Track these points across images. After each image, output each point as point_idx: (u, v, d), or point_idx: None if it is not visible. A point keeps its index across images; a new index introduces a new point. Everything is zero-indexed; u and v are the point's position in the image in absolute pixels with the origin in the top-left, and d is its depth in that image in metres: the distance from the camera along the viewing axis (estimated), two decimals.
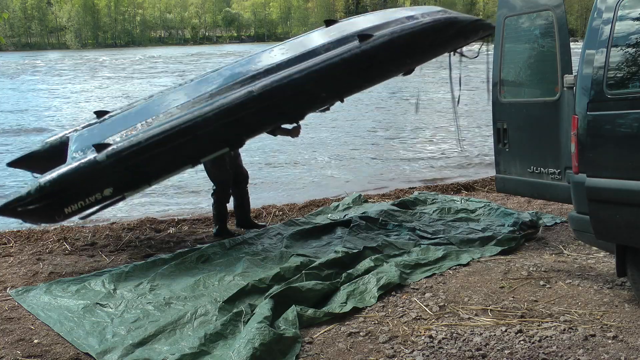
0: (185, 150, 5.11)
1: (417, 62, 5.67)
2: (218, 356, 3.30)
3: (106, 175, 4.98)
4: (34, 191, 4.91)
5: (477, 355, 3.26)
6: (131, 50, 73.65)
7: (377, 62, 5.33)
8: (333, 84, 5.31)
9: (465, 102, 18.91)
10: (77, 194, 4.97)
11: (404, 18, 5.65)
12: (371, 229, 5.51)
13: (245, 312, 3.73)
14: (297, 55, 5.44)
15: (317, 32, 6.05)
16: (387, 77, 5.73)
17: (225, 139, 5.22)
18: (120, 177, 5.03)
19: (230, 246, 5.21)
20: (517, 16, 4.76)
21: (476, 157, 10.98)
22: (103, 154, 4.97)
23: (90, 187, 4.98)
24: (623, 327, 3.52)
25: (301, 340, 3.48)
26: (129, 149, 4.99)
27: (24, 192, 4.96)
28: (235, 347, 3.26)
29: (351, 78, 5.37)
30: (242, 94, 5.15)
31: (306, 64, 5.24)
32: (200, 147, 5.19)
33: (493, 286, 4.23)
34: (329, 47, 5.42)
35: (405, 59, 5.54)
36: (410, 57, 5.55)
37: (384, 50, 5.29)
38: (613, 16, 3.58)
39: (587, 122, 3.65)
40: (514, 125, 4.80)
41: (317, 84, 5.24)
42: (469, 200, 6.68)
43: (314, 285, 4.09)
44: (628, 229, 3.47)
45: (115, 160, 4.96)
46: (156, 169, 5.14)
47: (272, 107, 5.21)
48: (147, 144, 4.98)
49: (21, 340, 3.63)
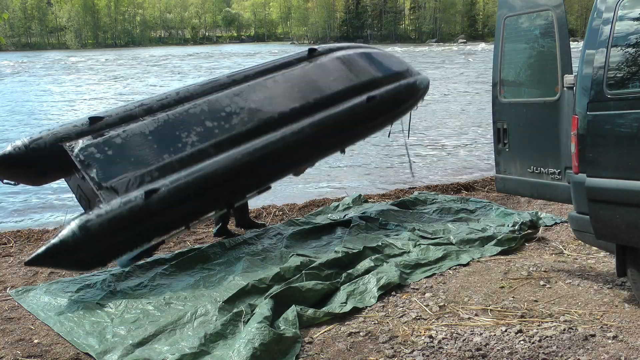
0: (230, 193, 5.09)
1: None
2: (218, 356, 3.30)
3: (157, 223, 4.65)
4: (80, 234, 4.27)
5: (477, 355, 3.26)
6: (137, 50, 73.65)
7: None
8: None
9: (465, 102, 18.97)
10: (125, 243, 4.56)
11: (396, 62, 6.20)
12: (371, 229, 5.52)
13: (245, 312, 3.73)
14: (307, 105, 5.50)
15: (309, 68, 5.89)
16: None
17: (263, 182, 5.33)
18: (168, 224, 4.75)
19: (230, 246, 5.21)
20: (517, 16, 4.76)
21: (476, 158, 10.98)
22: (155, 201, 4.51)
23: (140, 237, 4.62)
24: (623, 327, 3.52)
25: (301, 340, 3.48)
26: (181, 195, 4.65)
27: (66, 236, 4.27)
28: (235, 347, 3.26)
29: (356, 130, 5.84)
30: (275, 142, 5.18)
31: (320, 118, 5.44)
32: (243, 191, 5.24)
33: (493, 286, 4.23)
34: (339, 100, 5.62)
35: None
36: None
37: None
38: (613, 16, 3.58)
39: (587, 122, 3.65)
40: (514, 125, 4.80)
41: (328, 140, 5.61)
42: (469, 200, 6.69)
43: (314, 285, 4.09)
44: (628, 229, 3.47)
45: (166, 208, 4.61)
46: (201, 212, 5.02)
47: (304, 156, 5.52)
48: (200, 188, 4.75)
49: (21, 340, 3.63)
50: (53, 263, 4.35)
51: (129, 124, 4.93)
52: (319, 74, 5.80)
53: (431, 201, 6.66)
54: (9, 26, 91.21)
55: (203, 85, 5.46)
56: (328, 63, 5.93)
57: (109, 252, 4.47)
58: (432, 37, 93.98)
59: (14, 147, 4.71)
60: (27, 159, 4.70)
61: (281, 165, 5.35)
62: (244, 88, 5.46)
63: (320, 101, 5.56)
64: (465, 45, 73.47)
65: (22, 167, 4.73)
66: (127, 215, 4.39)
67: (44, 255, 4.21)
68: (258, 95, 5.43)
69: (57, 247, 4.21)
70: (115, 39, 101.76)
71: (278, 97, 5.46)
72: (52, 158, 4.70)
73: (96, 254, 4.37)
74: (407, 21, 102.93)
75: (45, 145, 4.70)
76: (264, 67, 5.80)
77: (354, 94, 5.71)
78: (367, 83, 5.86)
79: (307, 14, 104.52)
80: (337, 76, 5.80)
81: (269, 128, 5.24)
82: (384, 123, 6.13)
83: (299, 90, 5.56)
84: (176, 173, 4.72)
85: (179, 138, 4.94)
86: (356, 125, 5.72)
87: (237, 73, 5.69)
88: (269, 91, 5.49)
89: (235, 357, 3.19)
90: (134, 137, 4.84)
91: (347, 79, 5.79)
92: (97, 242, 4.32)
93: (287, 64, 5.85)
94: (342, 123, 5.56)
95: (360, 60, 6.09)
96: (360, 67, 5.99)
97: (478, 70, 30.93)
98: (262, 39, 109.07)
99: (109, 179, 4.57)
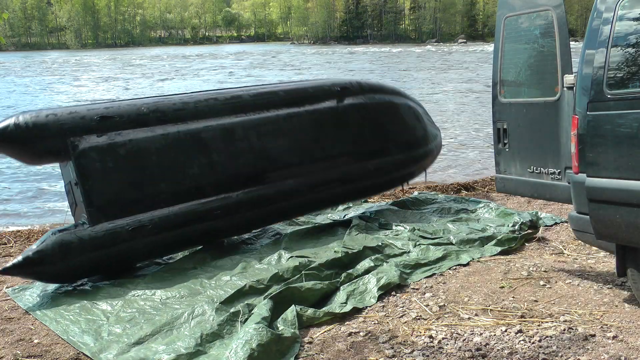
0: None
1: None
2: (214, 356, 3.29)
3: (139, 252, 4.66)
4: (58, 251, 4.28)
5: (477, 355, 3.26)
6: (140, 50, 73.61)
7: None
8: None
9: (465, 102, 18.96)
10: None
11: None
12: (371, 229, 5.51)
13: (242, 312, 3.72)
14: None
15: (336, 114, 5.67)
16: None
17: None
18: (149, 253, 4.77)
19: (228, 246, 5.20)
20: (517, 16, 4.76)
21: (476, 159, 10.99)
22: (141, 235, 4.52)
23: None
24: (623, 327, 3.52)
25: (300, 340, 3.47)
26: (167, 233, 4.66)
27: (44, 251, 4.26)
28: (232, 348, 3.26)
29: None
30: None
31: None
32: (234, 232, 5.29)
33: (493, 286, 4.23)
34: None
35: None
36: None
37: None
38: (613, 16, 3.58)
39: (587, 122, 3.65)
40: (514, 125, 4.80)
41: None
42: (469, 200, 6.68)
43: (313, 285, 4.08)
44: (628, 229, 3.47)
45: (151, 243, 4.64)
46: (186, 246, 5.03)
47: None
48: (188, 229, 4.77)
49: (21, 340, 3.63)
50: (26, 275, 4.34)
51: (137, 131, 4.66)
52: (342, 123, 5.60)
53: (431, 201, 6.65)
54: (9, 26, 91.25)
55: (224, 102, 5.12)
56: (354, 114, 5.69)
57: (86, 271, 4.47)
58: (432, 37, 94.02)
59: (16, 124, 4.35)
60: (26, 139, 4.39)
61: (268, 216, 5.27)
62: (263, 121, 5.19)
63: (336, 158, 5.51)
64: (465, 45, 73.48)
65: (18, 145, 4.43)
66: (110, 243, 4.41)
67: (19, 267, 4.21)
68: (276, 136, 5.23)
69: (33, 261, 4.21)
70: (115, 39, 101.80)
71: (294, 143, 5.32)
72: (52, 146, 4.46)
73: (71, 271, 4.37)
74: (407, 21, 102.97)
75: (49, 133, 4.42)
76: (290, 94, 5.48)
77: (364, 157, 5.67)
78: (382, 149, 5.79)
79: (307, 14, 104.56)
80: (357, 133, 5.65)
81: (273, 178, 5.15)
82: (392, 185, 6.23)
83: (314, 141, 5.43)
84: (167, 208, 4.63)
85: (182, 166, 4.77)
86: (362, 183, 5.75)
87: (260, 95, 5.36)
88: (287, 133, 5.29)
89: (232, 358, 3.18)
90: (139, 152, 4.62)
91: (364, 142, 5.68)
92: (74, 261, 4.32)
93: (315, 97, 5.56)
94: (348, 179, 5.59)
95: (387, 117, 5.88)
96: (381, 129, 5.80)
97: (477, 70, 30.95)
98: (262, 39, 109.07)
99: (101, 197, 4.46)
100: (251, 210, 5.02)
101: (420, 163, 6.20)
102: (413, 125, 6.09)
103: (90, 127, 4.53)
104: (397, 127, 5.93)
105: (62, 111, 4.59)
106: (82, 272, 4.46)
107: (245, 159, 5.05)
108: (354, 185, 5.68)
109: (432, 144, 6.27)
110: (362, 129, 5.69)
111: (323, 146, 5.47)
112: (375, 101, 5.86)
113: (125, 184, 4.56)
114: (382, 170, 5.79)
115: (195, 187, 4.79)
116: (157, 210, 4.60)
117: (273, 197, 5.12)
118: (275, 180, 5.16)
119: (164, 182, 4.69)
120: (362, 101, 5.77)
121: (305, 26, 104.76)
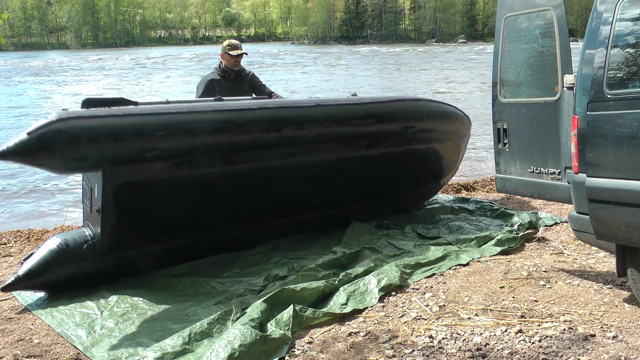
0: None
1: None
2: (200, 353, 3.27)
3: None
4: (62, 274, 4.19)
5: (477, 355, 3.26)
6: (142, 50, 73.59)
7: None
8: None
9: (465, 101, 18.95)
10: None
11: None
12: (370, 229, 5.50)
13: (235, 311, 3.71)
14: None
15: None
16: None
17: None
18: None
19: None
20: (517, 16, 4.76)
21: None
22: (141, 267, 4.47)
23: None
24: (623, 327, 3.52)
25: (290, 341, 3.43)
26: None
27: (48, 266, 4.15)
28: (215, 347, 3.23)
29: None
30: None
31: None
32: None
33: (493, 286, 4.23)
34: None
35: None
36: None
37: None
38: (613, 16, 3.58)
39: (587, 122, 3.65)
40: (514, 125, 4.81)
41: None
42: (469, 200, 6.68)
43: (309, 285, 4.05)
44: (628, 229, 3.47)
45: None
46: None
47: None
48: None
49: (21, 340, 3.63)
50: (33, 287, 4.19)
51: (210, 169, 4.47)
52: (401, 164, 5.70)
53: (431, 201, 6.65)
54: (9, 26, 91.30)
55: (317, 134, 4.94)
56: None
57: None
58: (432, 37, 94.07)
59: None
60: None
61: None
62: (342, 169, 5.21)
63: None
64: (465, 45, 73.43)
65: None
66: (111, 272, 4.34)
67: (24, 279, 4.07)
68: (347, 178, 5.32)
69: (35, 273, 4.11)
70: (115, 39, 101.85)
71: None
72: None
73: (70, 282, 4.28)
74: (407, 21, 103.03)
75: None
76: (372, 127, 5.32)
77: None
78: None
79: (307, 14, 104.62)
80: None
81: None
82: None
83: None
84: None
85: (229, 209, 4.70)
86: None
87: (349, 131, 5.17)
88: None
89: (213, 357, 3.15)
90: (189, 193, 4.39)
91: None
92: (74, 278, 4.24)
93: (389, 134, 5.46)
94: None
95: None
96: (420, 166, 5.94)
97: (476, 70, 30.95)
98: (262, 39, 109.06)
99: (120, 231, 4.24)
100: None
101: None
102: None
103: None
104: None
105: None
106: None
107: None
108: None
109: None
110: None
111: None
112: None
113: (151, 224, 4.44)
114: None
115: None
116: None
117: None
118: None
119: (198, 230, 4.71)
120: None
121: (305, 26, 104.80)
